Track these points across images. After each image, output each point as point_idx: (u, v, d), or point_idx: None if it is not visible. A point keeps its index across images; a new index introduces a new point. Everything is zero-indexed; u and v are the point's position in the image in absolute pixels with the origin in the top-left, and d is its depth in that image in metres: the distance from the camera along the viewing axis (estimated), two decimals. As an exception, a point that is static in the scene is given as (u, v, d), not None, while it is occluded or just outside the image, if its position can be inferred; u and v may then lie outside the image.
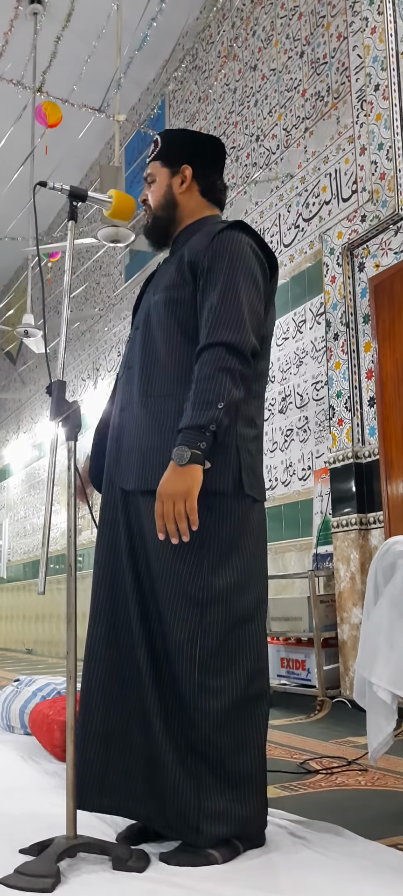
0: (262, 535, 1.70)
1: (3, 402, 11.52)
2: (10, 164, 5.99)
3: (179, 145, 1.80)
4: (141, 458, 1.61)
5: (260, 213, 5.18)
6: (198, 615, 1.54)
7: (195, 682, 1.52)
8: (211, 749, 1.52)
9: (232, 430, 1.58)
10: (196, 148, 1.80)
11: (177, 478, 1.47)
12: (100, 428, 1.83)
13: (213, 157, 1.82)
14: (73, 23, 4.96)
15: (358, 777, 2.28)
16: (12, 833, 1.65)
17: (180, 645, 1.53)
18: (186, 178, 1.76)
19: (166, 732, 1.53)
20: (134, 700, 1.58)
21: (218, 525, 1.57)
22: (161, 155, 1.78)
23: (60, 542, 7.94)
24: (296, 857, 1.53)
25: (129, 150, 7.24)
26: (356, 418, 3.97)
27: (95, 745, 1.59)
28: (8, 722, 3.02)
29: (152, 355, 1.67)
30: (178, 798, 1.50)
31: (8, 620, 10.39)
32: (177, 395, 1.59)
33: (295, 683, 3.93)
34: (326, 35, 4.68)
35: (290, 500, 4.65)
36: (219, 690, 1.54)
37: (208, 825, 1.49)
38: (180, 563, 1.55)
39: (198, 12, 6.19)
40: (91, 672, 1.63)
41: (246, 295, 1.59)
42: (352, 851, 1.56)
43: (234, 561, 1.59)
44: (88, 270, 8.13)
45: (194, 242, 1.69)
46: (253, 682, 1.59)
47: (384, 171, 3.93)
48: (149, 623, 1.58)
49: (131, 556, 1.62)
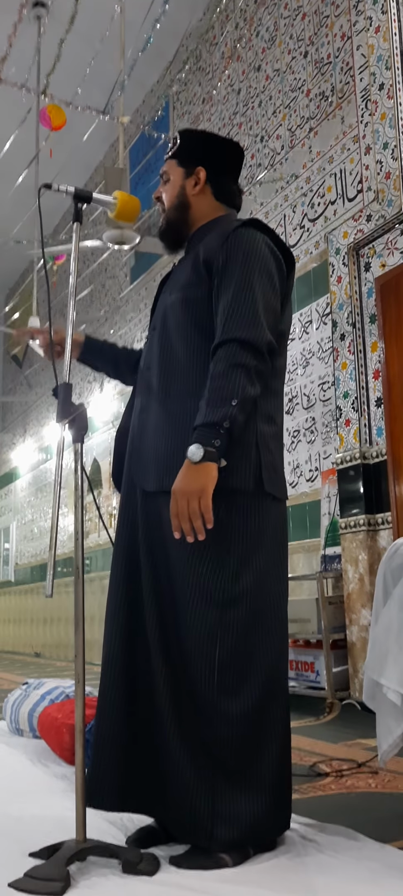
0: (284, 534, 1.69)
1: (9, 405, 11.56)
2: (15, 167, 6.00)
3: (195, 146, 1.80)
4: (161, 458, 1.61)
5: (265, 213, 5.18)
6: (219, 615, 1.53)
7: (214, 683, 1.51)
8: (226, 751, 1.51)
9: (251, 427, 1.58)
10: (212, 150, 1.80)
11: (192, 476, 1.46)
12: (121, 430, 1.82)
13: (229, 161, 1.82)
14: (77, 25, 4.97)
15: (369, 780, 2.27)
16: (22, 837, 1.65)
17: (199, 646, 1.52)
18: (200, 180, 1.76)
19: (180, 735, 1.52)
20: (149, 702, 1.58)
21: (239, 524, 1.57)
22: (177, 154, 1.78)
23: (68, 545, 7.95)
24: (307, 860, 1.52)
25: (134, 151, 7.25)
26: (363, 419, 3.96)
27: (109, 747, 1.58)
28: (17, 725, 3.02)
29: (170, 356, 1.66)
30: (192, 801, 1.49)
31: (16, 624, 10.41)
32: (197, 395, 1.58)
33: (304, 686, 3.92)
34: (330, 35, 4.67)
35: (298, 502, 4.64)
36: (239, 692, 1.53)
37: (221, 828, 1.48)
38: (201, 564, 1.54)
39: (201, 14, 6.19)
40: (107, 673, 1.63)
41: (261, 292, 1.58)
42: (363, 854, 1.55)
43: (255, 560, 1.59)
44: (94, 273, 8.14)
45: (209, 240, 1.69)
46: (272, 685, 1.59)
47: (389, 171, 3.92)
48: (165, 625, 1.57)
49: (150, 557, 1.62)
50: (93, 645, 5.30)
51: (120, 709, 1.60)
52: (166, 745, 1.53)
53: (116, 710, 1.60)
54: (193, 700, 1.53)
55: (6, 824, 1.79)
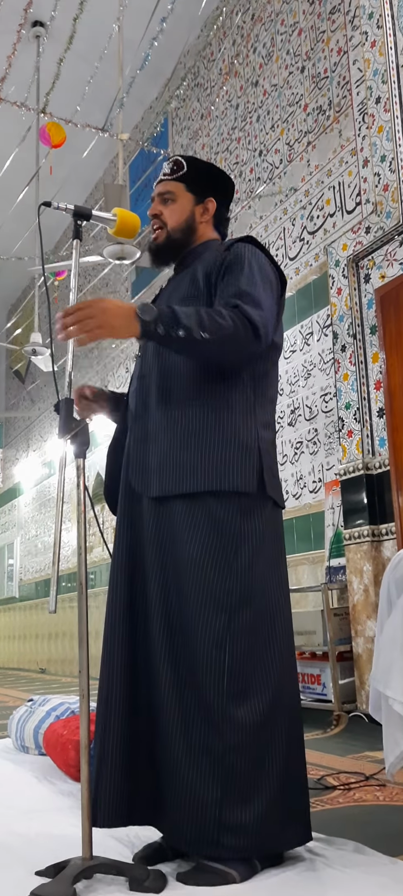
0: (282, 541, 1.74)
1: (12, 420, 11.58)
2: (16, 185, 6.04)
3: (207, 177, 1.87)
4: (167, 464, 1.62)
5: (264, 227, 5.20)
6: (226, 620, 1.54)
7: (223, 689, 1.51)
8: (235, 758, 1.50)
9: (253, 432, 1.63)
10: (219, 184, 1.90)
11: (123, 316, 1.52)
12: (114, 447, 1.83)
13: (229, 195, 1.93)
14: (76, 44, 5.02)
15: (376, 792, 2.25)
16: (28, 855, 1.64)
17: (208, 652, 1.52)
18: (209, 210, 1.84)
19: (186, 744, 1.51)
20: (152, 711, 1.57)
21: (244, 527, 1.60)
22: (186, 179, 1.83)
23: (71, 560, 7.94)
24: (315, 874, 1.51)
25: (133, 168, 7.30)
26: (365, 429, 3.96)
27: (111, 762, 1.57)
28: (22, 742, 3.01)
29: (170, 364, 1.69)
30: (197, 809, 1.48)
31: (21, 640, 10.39)
32: (198, 400, 1.63)
33: (310, 698, 3.90)
34: (326, 50, 4.70)
35: (302, 513, 4.63)
36: (248, 698, 1.53)
37: (228, 838, 1.47)
38: (210, 569, 1.56)
39: (198, 31, 6.25)
40: (108, 687, 1.62)
41: (264, 292, 1.65)
42: (372, 869, 1.53)
43: (260, 564, 1.61)
44: (95, 288, 8.18)
45: (207, 257, 1.76)
46: (280, 692, 1.59)
47: (387, 183, 3.94)
48: (172, 632, 1.57)
49: (156, 563, 1.62)
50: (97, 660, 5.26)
51: (122, 721, 1.59)
52: (171, 755, 1.52)
53: (118, 723, 1.59)
54: (201, 707, 1.52)
55: (12, 842, 1.78)
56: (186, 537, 1.57)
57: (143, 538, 1.65)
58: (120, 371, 7.69)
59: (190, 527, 1.58)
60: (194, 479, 1.59)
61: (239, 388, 1.66)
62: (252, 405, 1.67)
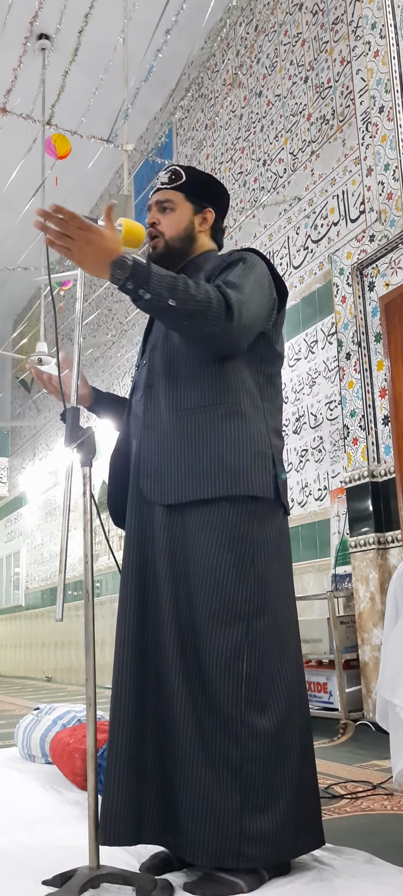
0: (289, 547, 1.76)
1: (18, 429, 11.62)
2: (22, 196, 6.08)
3: (205, 187, 1.88)
4: (181, 471, 1.62)
5: (268, 236, 5.22)
6: (244, 629, 1.54)
7: (241, 697, 1.51)
8: (254, 767, 1.49)
9: (266, 440, 1.66)
10: (217, 194, 1.91)
11: (97, 260, 1.52)
12: (116, 457, 1.83)
13: (224, 206, 1.95)
14: (81, 56, 5.06)
15: (384, 801, 2.24)
16: (35, 864, 1.64)
17: (225, 661, 1.52)
18: (207, 220, 1.85)
19: (204, 757, 1.50)
20: (164, 726, 1.56)
21: (260, 533, 1.61)
22: (185, 188, 1.84)
23: (77, 569, 7.95)
24: (323, 884, 1.51)
25: (138, 178, 7.34)
26: (371, 437, 3.96)
27: (120, 780, 1.54)
28: (28, 751, 3.01)
29: (178, 371, 1.69)
30: (218, 822, 1.46)
31: (27, 648, 10.39)
32: (209, 407, 1.63)
33: (317, 707, 3.89)
34: (329, 60, 4.73)
35: (307, 521, 4.63)
36: (266, 706, 1.54)
37: (249, 847, 1.46)
38: (227, 574, 1.55)
39: (202, 42, 6.29)
40: (117, 704, 1.59)
41: (252, 293, 1.65)
42: (381, 879, 1.53)
43: (273, 570, 1.62)
44: (100, 297, 8.21)
45: (208, 268, 1.77)
46: (294, 698, 1.59)
47: (391, 191, 3.95)
48: (184, 642, 1.56)
49: (169, 572, 1.60)
50: (104, 669, 5.28)
51: (132, 737, 1.56)
52: (187, 766, 1.50)
53: (129, 739, 1.56)
54: (218, 717, 1.51)
55: (19, 852, 1.78)
56: (201, 545, 1.56)
57: (154, 549, 1.64)
58: (125, 380, 7.71)
59: (205, 534, 1.57)
60: (210, 484, 1.58)
61: (249, 395, 1.67)
62: (262, 412, 1.68)
